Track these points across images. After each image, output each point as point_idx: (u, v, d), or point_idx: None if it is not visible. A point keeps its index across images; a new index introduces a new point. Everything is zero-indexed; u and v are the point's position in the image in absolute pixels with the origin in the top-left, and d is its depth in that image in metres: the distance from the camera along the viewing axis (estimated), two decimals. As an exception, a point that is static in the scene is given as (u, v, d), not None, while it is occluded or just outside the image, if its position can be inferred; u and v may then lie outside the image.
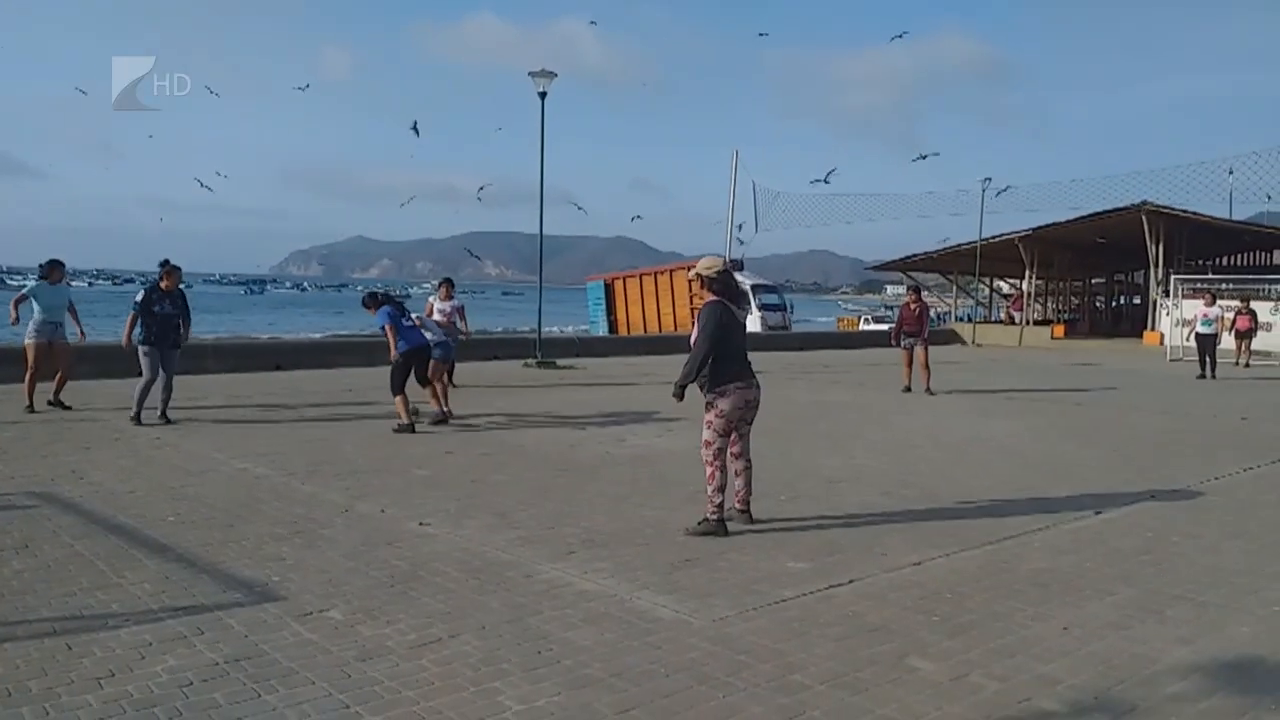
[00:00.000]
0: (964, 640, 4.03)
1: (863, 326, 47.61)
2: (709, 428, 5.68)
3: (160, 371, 9.52)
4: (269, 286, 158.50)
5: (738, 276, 32.04)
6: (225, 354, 15.30)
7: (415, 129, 29.66)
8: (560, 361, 17.72)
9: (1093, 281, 48.87)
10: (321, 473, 7.27)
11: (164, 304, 9.64)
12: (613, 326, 36.41)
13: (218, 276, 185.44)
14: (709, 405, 5.67)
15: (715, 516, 5.60)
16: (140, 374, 9.51)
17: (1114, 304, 49.26)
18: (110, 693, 3.33)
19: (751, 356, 5.93)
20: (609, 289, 37.60)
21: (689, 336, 5.77)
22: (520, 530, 5.67)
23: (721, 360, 5.62)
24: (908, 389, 14.10)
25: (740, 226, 29.85)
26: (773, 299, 36.59)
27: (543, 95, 18.12)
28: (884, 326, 37.16)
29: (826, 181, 18.06)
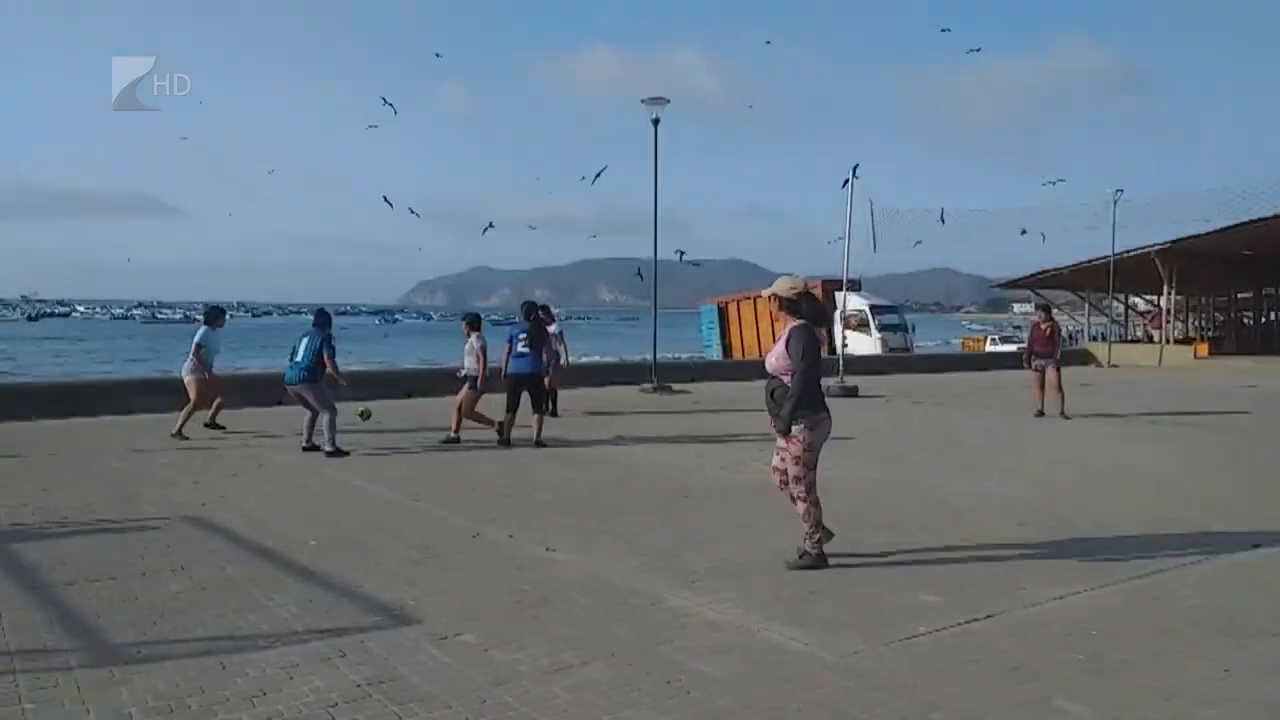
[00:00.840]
0: (1114, 681, 3.82)
1: (989, 348, 46.01)
2: (798, 462, 5.34)
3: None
4: (399, 317, 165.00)
5: (855, 298, 31.02)
6: (360, 383, 15.91)
7: (596, 176, 29.87)
8: (676, 386, 17.74)
9: (1239, 296, 46.00)
10: (451, 498, 7.47)
11: None
12: (727, 350, 36.29)
13: (347, 308, 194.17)
14: (793, 438, 5.33)
15: (816, 550, 5.43)
16: (330, 410, 9.64)
17: (1264, 320, 46.21)
18: (262, 711, 3.49)
19: (872, 380, 5.82)
20: (723, 312, 37.52)
21: (803, 354, 5.31)
22: (644, 557, 5.69)
23: (812, 389, 5.37)
24: (1040, 413, 13.55)
25: (919, 242, 28.99)
26: (893, 319, 35.80)
27: (656, 122, 18.30)
28: (1012, 347, 35.85)
29: (856, 177, 17.79)
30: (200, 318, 11.97)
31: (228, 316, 12.36)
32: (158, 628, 4.40)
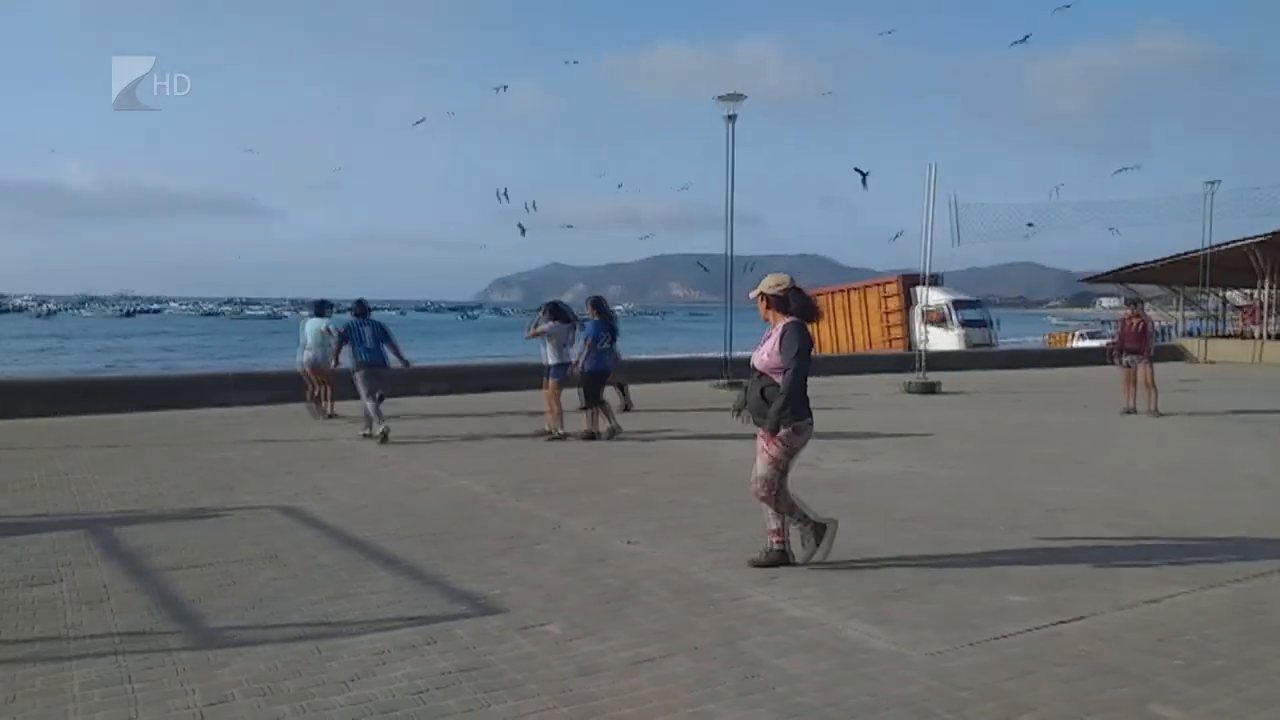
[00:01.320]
0: (1214, 688, 3.70)
1: (1075, 343, 44.67)
2: (772, 464, 5.17)
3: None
4: (477, 313, 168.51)
5: (935, 292, 30.15)
6: (439, 376, 16.28)
7: (683, 188, 30.63)
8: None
9: (1345, 290, 43.71)
10: (532, 490, 7.58)
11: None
12: (802, 346, 35.94)
13: (428, 304, 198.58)
14: (778, 440, 5.14)
15: (809, 524, 5.37)
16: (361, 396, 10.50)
17: (1371, 314, 43.83)
18: (356, 695, 3.60)
19: (953, 376, 5.71)
20: (798, 308, 37.16)
21: (797, 353, 5.10)
22: (724, 552, 5.69)
23: (802, 390, 5.15)
24: (1130, 410, 13.13)
25: (1031, 225, 27.76)
26: (975, 315, 35.02)
27: (731, 119, 18.19)
28: (1099, 343, 34.74)
29: (864, 175, 17.20)
30: (307, 312, 12.69)
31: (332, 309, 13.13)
32: (254, 613, 4.57)
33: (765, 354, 5.23)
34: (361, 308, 10.80)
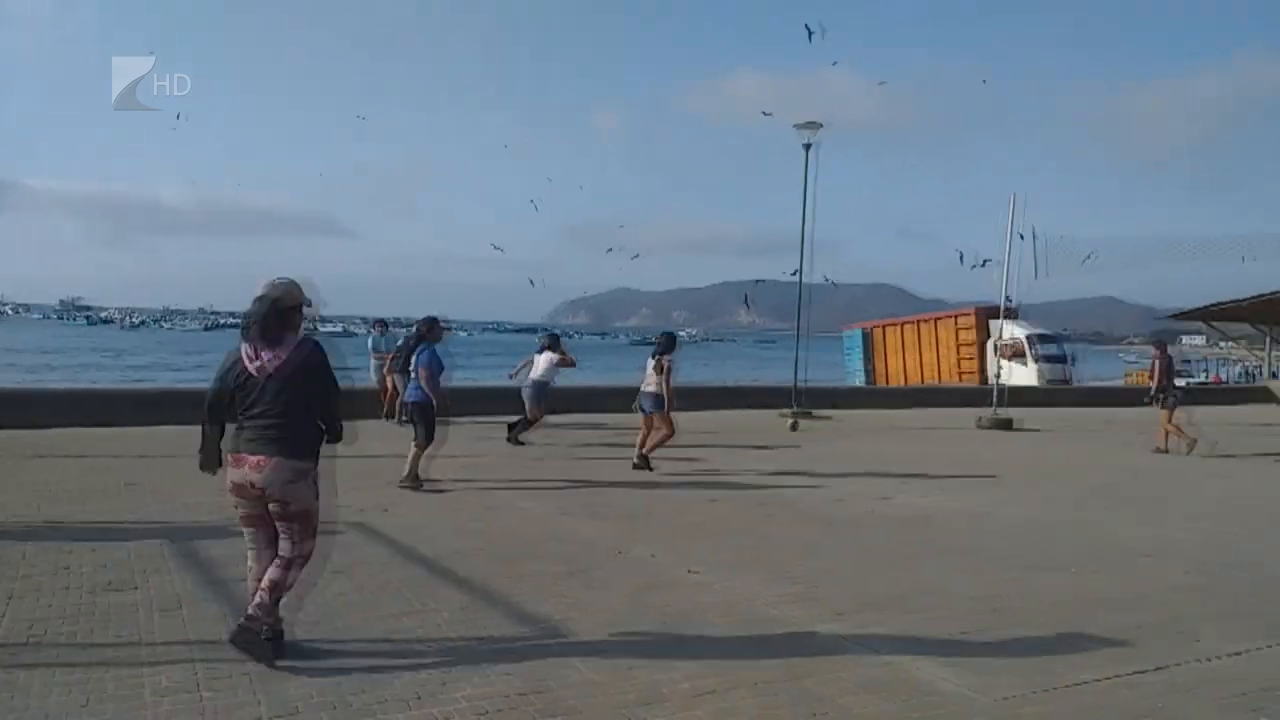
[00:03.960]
0: (1308, 750, 3.51)
1: (1154, 381, 43.18)
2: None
3: None
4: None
5: (1012, 326, 29.36)
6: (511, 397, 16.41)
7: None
8: (817, 412, 17.46)
9: None
10: (595, 515, 7.58)
11: None
12: (870, 376, 35.50)
13: (495, 325, 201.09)
14: None
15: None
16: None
17: None
18: (418, 714, 3.62)
19: (1030, 413, 5.54)
20: (868, 338, 36.74)
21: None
22: (790, 586, 5.61)
23: (211, 422, 4.44)
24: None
25: (1089, 256, 26.20)
26: (1052, 350, 34.14)
27: (807, 147, 18.15)
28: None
29: (810, 32, 16.52)
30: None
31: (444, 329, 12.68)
32: (322, 627, 4.62)
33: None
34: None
